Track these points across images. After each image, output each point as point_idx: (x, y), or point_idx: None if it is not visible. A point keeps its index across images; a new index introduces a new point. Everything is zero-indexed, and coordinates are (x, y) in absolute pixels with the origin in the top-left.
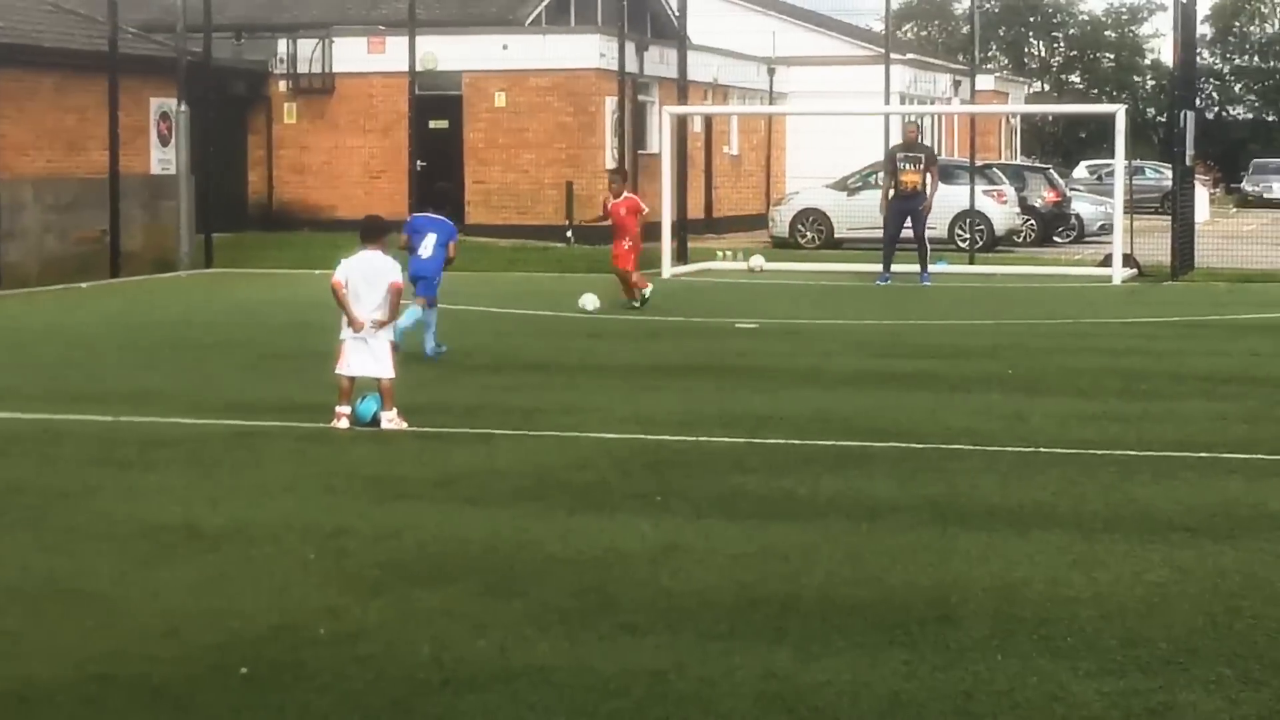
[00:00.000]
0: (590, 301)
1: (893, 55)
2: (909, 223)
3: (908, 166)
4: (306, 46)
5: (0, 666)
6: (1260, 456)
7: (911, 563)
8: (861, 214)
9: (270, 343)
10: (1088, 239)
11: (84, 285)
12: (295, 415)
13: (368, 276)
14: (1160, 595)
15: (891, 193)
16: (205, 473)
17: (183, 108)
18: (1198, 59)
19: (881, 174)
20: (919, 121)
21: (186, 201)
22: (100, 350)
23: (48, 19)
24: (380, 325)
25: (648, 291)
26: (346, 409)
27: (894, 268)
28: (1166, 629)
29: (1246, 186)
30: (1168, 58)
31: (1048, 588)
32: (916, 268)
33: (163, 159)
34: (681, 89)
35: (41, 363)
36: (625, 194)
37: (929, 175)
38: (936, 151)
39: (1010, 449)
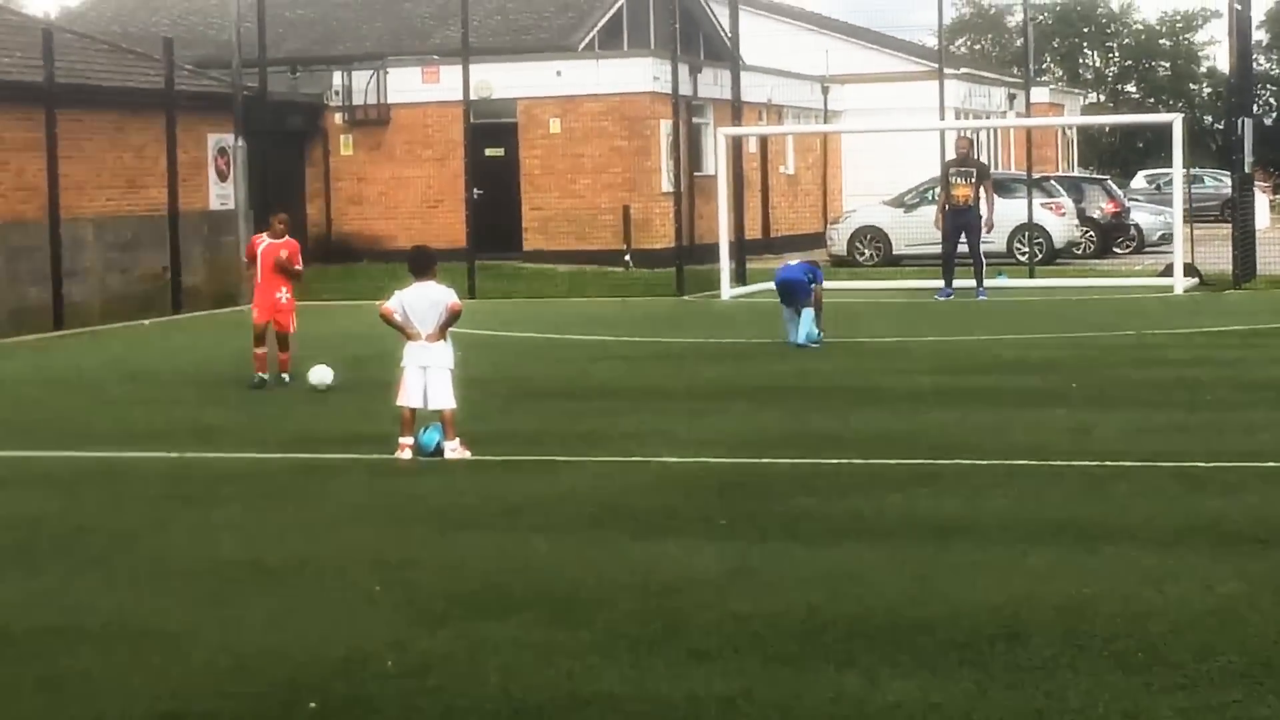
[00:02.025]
0: (323, 375)
1: (947, 70)
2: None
3: (959, 180)
4: (361, 78)
5: (72, 707)
6: None
7: (980, 581)
8: (919, 230)
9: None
10: (1148, 249)
11: (146, 322)
12: (359, 447)
13: (424, 305)
14: (1232, 608)
15: (946, 207)
16: (271, 507)
17: (240, 143)
18: (1254, 65)
19: (940, 191)
20: (972, 135)
21: (246, 236)
22: (164, 387)
23: (104, 58)
24: (434, 339)
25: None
26: (410, 440)
27: (955, 282)
28: (1239, 642)
29: None
30: (1223, 65)
31: (1118, 603)
32: (973, 282)
33: (221, 194)
34: (736, 110)
35: (106, 401)
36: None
37: (982, 190)
38: (992, 166)
39: (1076, 464)
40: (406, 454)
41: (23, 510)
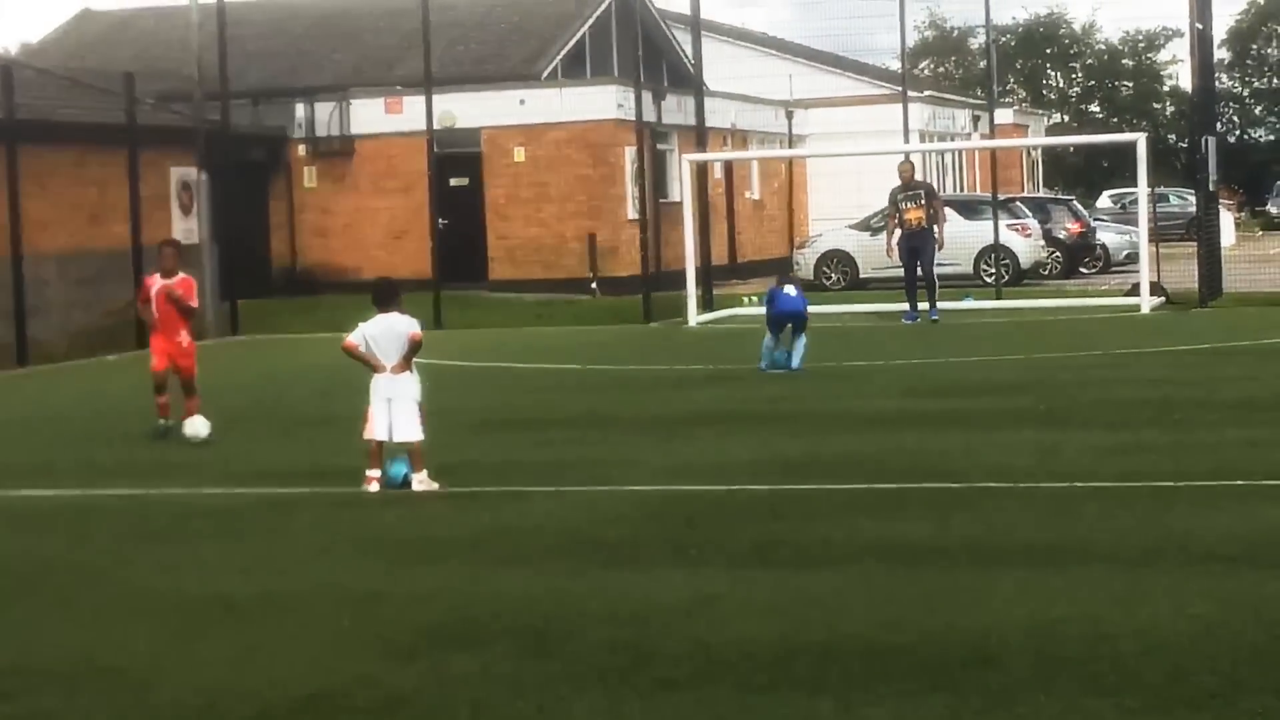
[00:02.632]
0: (198, 428)
1: (910, 93)
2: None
3: (909, 205)
4: (324, 110)
5: None
6: None
7: (951, 605)
8: (885, 254)
9: (298, 409)
10: (1114, 269)
11: (111, 358)
12: (326, 481)
13: (388, 337)
14: (1203, 628)
15: (898, 233)
16: (237, 543)
17: (203, 176)
18: (1217, 83)
19: (889, 218)
20: (914, 159)
21: (210, 270)
22: (129, 423)
23: (65, 93)
24: (399, 370)
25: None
26: (377, 473)
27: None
28: (1211, 662)
29: (1271, 209)
30: (1186, 84)
31: (1089, 625)
32: (948, 304)
33: (185, 229)
34: (700, 136)
35: (71, 438)
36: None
37: (934, 209)
38: (957, 188)
39: (1045, 485)
40: (374, 487)
41: None
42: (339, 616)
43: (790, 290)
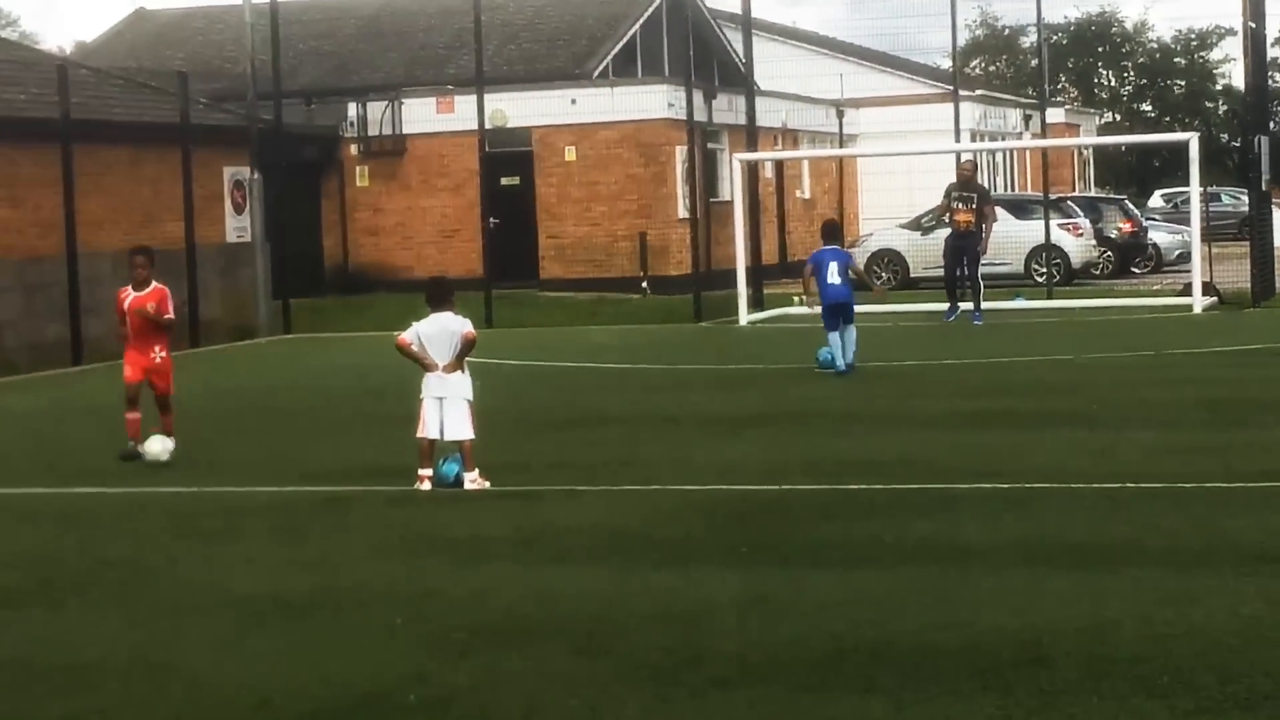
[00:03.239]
0: (156, 449)
1: (961, 92)
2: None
3: (961, 206)
4: (376, 109)
5: None
6: None
7: (1002, 605)
8: (936, 253)
9: (351, 407)
10: (1166, 268)
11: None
12: (378, 479)
13: (441, 336)
14: (1256, 629)
15: (946, 224)
16: (290, 540)
17: (256, 175)
18: (1270, 82)
19: (940, 210)
20: (976, 160)
21: (263, 269)
22: (182, 420)
23: (119, 94)
24: (451, 369)
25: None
26: (429, 471)
27: (969, 305)
28: (1264, 664)
29: None
30: (1239, 82)
31: (1141, 626)
32: (990, 304)
33: (238, 227)
34: (751, 135)
35: (124, 435)
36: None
37: (984, 213)
38: (1008, 187)
39: (1097, 485)
40: (426, 485)
41: (42, 546)
42: (391, 614)
43: (834, 272)
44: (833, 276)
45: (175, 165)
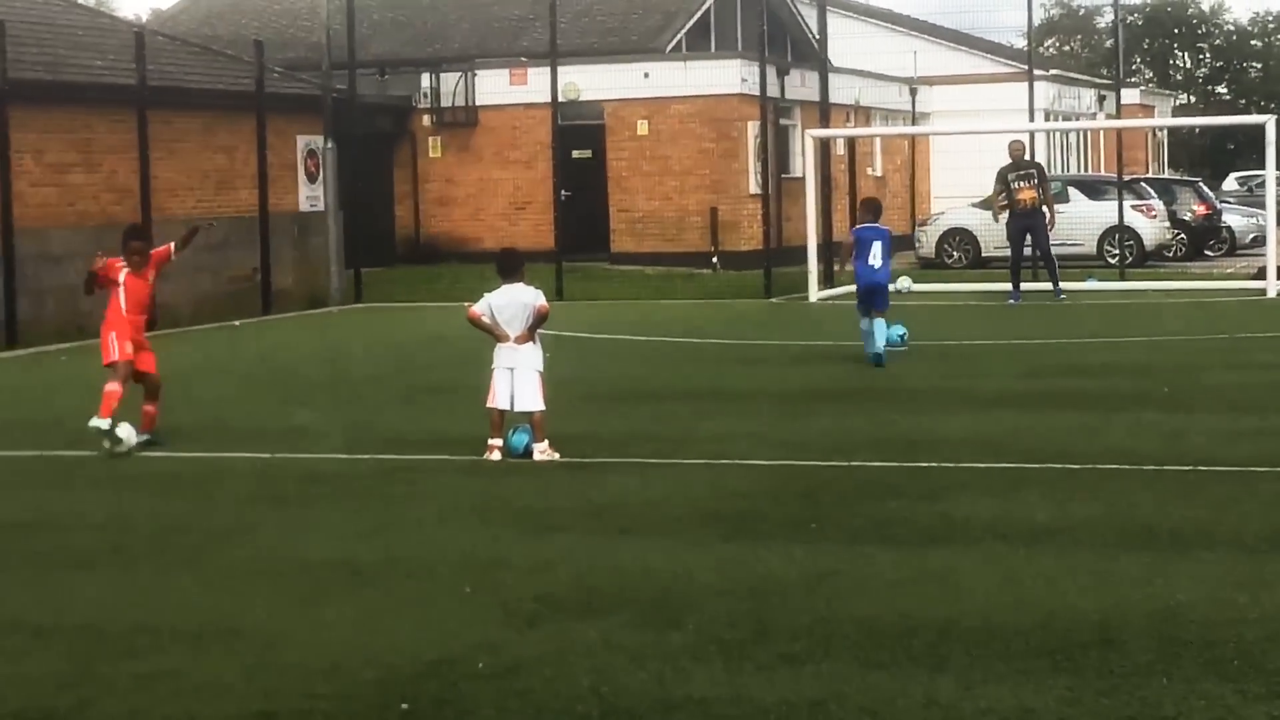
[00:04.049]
0: (129, 434)
1: (1036, 71)
2: (1030, 240)
3: (1022, 184)
4: (450, 80)
5: (164, 706)
6: None
7: (1071, 586)
8: (995, 221)
9: (422, 377)
10: (1240, 252)
11: (236, 323)
12: (448, 449)
13: (513, 308)
14: None
15: (1006, 214)
16: (361, 508)
17: (329, 145)
18: None
19: (996, 194)
20: (1021, 139)
21: (335, 238)
22: (255, 388)
23: (195, 61)
24: (522, 341)
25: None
26: (499, 441)
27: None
28: None
29: None
30: None
31: (1212, 609)
32: (1071, 285)
33: (310, 196)
34: (824, 112)
35: (198, 401)
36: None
37: (1044, 189)
38: (1081, 168)
39: (1168, 468)
40: (495, 456)
41: (115, 510)
42: (461, 583)
43: (877, 253)
44: (874, 258)
45: (250, 133)
